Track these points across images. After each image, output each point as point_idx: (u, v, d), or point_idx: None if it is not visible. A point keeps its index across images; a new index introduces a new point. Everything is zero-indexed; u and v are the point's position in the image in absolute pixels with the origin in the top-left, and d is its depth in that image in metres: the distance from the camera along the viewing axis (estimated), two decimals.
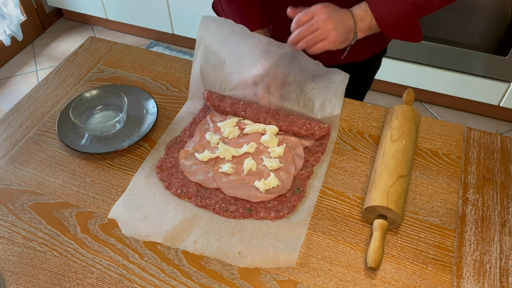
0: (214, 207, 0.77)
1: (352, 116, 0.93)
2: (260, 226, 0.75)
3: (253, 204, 0.77)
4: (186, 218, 0.75)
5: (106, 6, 2.38)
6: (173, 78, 1.02)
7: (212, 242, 0.73)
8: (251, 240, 0.73)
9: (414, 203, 0.78)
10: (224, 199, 0.78)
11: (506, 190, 0.80)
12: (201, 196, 0.79)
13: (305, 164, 0.84)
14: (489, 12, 1.66)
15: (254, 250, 0.72)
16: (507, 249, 0.72)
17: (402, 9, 0.82)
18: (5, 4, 2.18)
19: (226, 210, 0.77)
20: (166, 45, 2.47)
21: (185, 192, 0.79)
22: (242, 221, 0.75)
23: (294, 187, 0.80)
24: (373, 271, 0.69)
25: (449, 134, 0.90)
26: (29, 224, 0.76)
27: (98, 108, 0.93)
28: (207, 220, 0.75)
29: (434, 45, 1.82)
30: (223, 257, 0.71)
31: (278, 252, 0.71)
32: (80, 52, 1.10)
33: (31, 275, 0.70)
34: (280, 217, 0.76)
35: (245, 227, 0.74)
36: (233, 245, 0.72)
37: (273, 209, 0.77)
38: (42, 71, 2.33)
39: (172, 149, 0.87)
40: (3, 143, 0.89)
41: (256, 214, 0.76)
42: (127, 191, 0.80)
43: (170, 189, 0.80)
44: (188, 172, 0.82)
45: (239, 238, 0.73)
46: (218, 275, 0.69)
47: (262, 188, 0.78)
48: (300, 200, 0.78)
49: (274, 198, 0.78)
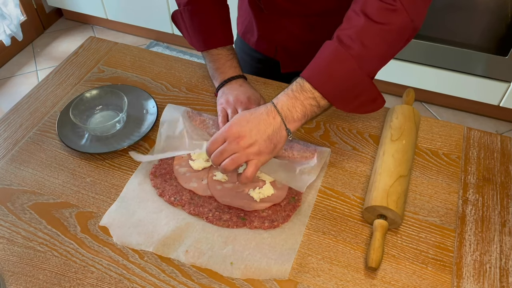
0: (208, 215, 0.75)
1: (352, 116, 0.93)
2: (254, 236, 0.73)
3: (247, 213, 0.76)
4: (179, 226, 0.74)
5: (106, 6, 2.38)
6: (173, 78, 1.02)
7: (204, 251, 0.71)
8: (243, 251, 0.71)
9: (414, 203, 0.78)
10: (218, 207, 0.77)
11: (506, 190, 0.80)
12: (194, 204, 0.77)
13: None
14: (489, 12, 1.66)
15: (247, 261, 0.70)
16: (507, 249, 0.72)
17: (341, 68, 0.69)
18: (5, 4, 2.18)
19: (219, 219, 0.75)
20: (166, 45, 2.47)
21: (179, 199, 0.78)
22: (235, 231, 0.74)
23: (290, 196, 0.78)
24: (373, 271, 0.69)
25: (449, 134, 0.90)
26: (29, 224, 0.76)
27: (98, 108, 0.93)
28: (200, 229, 0.74)
29: (434, 45, 1.82)
30: (214, 267, 0.69)
31: (271, 263, 0.70)
32: (80, 52, 1.10)
33: (31, 275, 0.70)
34: (274, 227, 0.74)
35: (238, 237, 0.73)
36: (226, 256, 0.70)
37: (267, 218, 0.75)
38: (42, 71, 2.33)
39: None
40: (3, 143, 0.89)
41: (250, 223, 0.74)
42: (120, 198, 0.78)
43: (163, 196, 0.78)
44: (182, 179, 0.81)
45: (232, 248, 0.71)
46: (218, 275, 0.69)
47: (257, 197, 0.77)
48: (295, 209, 0.76)
49: (268, 207, 0.76)
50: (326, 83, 0.71)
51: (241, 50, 1.16)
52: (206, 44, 0.93)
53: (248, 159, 0.70)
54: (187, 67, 1.05)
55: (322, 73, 0.71)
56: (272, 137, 0.70)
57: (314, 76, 0.71)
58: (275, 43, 1.03)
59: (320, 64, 0.72)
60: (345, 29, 0.71)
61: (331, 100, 0.72)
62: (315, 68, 0.72)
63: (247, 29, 1.09)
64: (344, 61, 0.69)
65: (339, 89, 0.71)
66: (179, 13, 0.94)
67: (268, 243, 0.72)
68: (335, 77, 0.70)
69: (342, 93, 0.72)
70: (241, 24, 1.12)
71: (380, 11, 0.68)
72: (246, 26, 1.09)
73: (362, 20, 0.69)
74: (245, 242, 0.72)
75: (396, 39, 0.71)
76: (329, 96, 0.71)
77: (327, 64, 0.71)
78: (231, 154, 0.70)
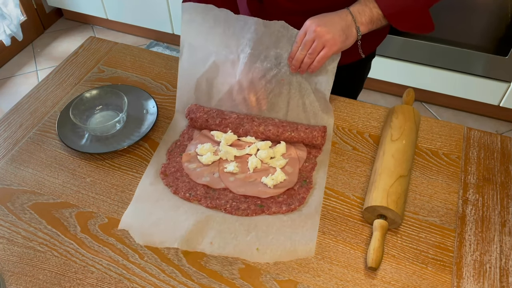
0: (225, 206, 0.77)
1: (352, 116, 0.93)
2: (274, 221, 0.75)
3: (264, 200, 0.78)
4: (199, 220, 0.75)
5: (106, 6, 2.38)
6: (173, 78, 1.02)
7: (229, 241, 0.73)
8: (267, 236, 0.73)
9: (414, 203, 0.78)
10: (234, 198, 0.79)
11: (506, 190, 0.80)
12: (210, 197, 0.79)
13: (308, 156, 0.85)
14: (489, 12, 1.66)
15: (272, 245, 0.72)
16: (507, 249, 0.72)
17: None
18: (5, 4, 2.18)
19: (237, 209, 0.77)
20: (166, 45, 2.47)
21: (194, 195, 0.79)
22: (255, 218, 0.76)
23: (301, 180, 0.81)
24: (373, 271, 0.70)
25: (449, 134, 0.90)
26: (29, 224, 0.76)
27: (98, 108, 0.93)
28: (220, 221, 0.75)
29: (434, 45, 1.82)
30: (242, 255, 0.71)
31: (296, 244, 0.72)
32: (80, 52, 1.10)
33: (31, 275, 0.70)
34: (291, 210, 0.76)
35: (259, 223, 0.75)
36: (250, 242, 0.73)
37: (283, 203, 0.77)
38: (42, 71, 2.33)
39: (174, 154, 0.86)
40: (3, 143, 0.89)
41: (268, 209, 0.77)
42: (134, 199, 0.79)
43: (178, 194, 0.79)
44: (193, 175, 0.82)
45: (255, 234, 0.73)
46: (218, 275, 0.69)
47: (270, 184, 0.79)
48: (308, 191, 0.79)
49: (283, 192, 0.79)
50: (391, 5, 0.81)
51: None
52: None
53: (323, 46, 0.80)
54: None
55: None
56: (345, 29, 0.81)
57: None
58: None
59: None
60: None
61: (390, 19, 0.83)
62: None
63: None
64: None
65: (400, 14, 0.82)
66: None
67: (289, 226, 0.74)
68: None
69: (401, 13, 0.82)
70: None
71: None
72: None
73: None
74: (266, 227, 0.74)
75: None
76: (389, 16, 0.82)
77: None
78: (311, 45, 0.80)
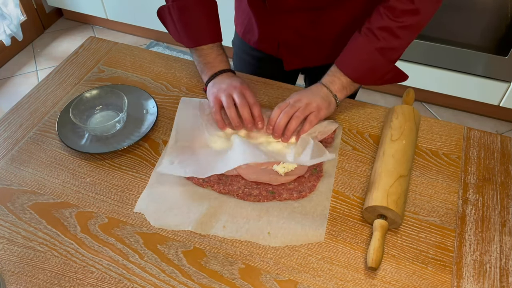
0: (238, 192, 0.79)
1: (352, 116, 0.93)
2: (285, 207, 0.77)
3: (275, 187, 0.80)
4: (212, 205, 0.78)
5: (106, 6, 2.38)
6: (173, 78, 1.02)
7: (241, 225, 0.75)
8: (278, 220, 0.75)
9: (414, 203, 0.78)
10: (246, 184, 0.80)
11: (506, 190, 0.81)
12: (223, 183, 0.81)
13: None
14: (489, 12, 1.66)
15: (283, 229, 0.74)
16: (507, 249, 0.72)
17: (367, 58, 0.85)
18: (5, 4, 2.18)
19: (249, 195, 0.79)
20: (166, 45, 2.47)
21: (207, 181, 0.81)
22: (266, 204, 0.78)
23: (312, 168, 0.83)
24: (373, 271, 0.70)
25: (449, 134, 0.90)
26: (29, 224, 0.76)
27: (98, 108, 0.93)
28: (233, 205, 0.78)
29: (434, 45, 1.82)
30: (253, 239, 0.73)
31: (306, 229, 0.74)
32: (80, 52, 1.10)
33: (31, 275, 0.70)
34: (302, 196, 0.78)
35: (271, 209, 0.77)
36: (262, 227, 0.75)
37: (294, 190, 0.79)
38: (42, 71, 2.33)
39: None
40: (3, 143, 0.89)
41: (279, 196, 0.79)
42: (149, 185, 0.81)
43: (191, 180, 0.81)
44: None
45: (267, 219, 0.76)
46: (218, 275, 0.69)
47: (282, 171, 0.81)
48: (319, 179, 0.81)
49: (294, 180, 0.81)
50: (355, 70, 0.88)
51: (241, 50, 1.16)
52: (197, 40, 0.93)
53: (310, 112, 0.85)
54: (187, 67, 1.05)
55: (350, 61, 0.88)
56: (325, 98, 0.87)
57: (343, 63, 0.88)
58: (277, 40, 1.04)
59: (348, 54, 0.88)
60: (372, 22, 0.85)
61: (358, 81, 0.89)
62: (345, 56, 0.89)
63: (247, 29, 1.09)
64: (369, 53, 0.85)
65: (366, 75, 0.88)
66: (166, 9, 0.94)
67: (300, 212, 0.77)
68: (360, 64, 0.87)
69: (367, 75, 0.89)
70: (240, 25, 1.12)
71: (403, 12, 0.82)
72: (246, 26, 1.09)
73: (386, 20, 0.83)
74: (277, 213, 0.76)
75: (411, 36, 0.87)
76: (356, 79, 0.88)
77: (354, 54, 0.87)
78: (294, 113, 0.84)
